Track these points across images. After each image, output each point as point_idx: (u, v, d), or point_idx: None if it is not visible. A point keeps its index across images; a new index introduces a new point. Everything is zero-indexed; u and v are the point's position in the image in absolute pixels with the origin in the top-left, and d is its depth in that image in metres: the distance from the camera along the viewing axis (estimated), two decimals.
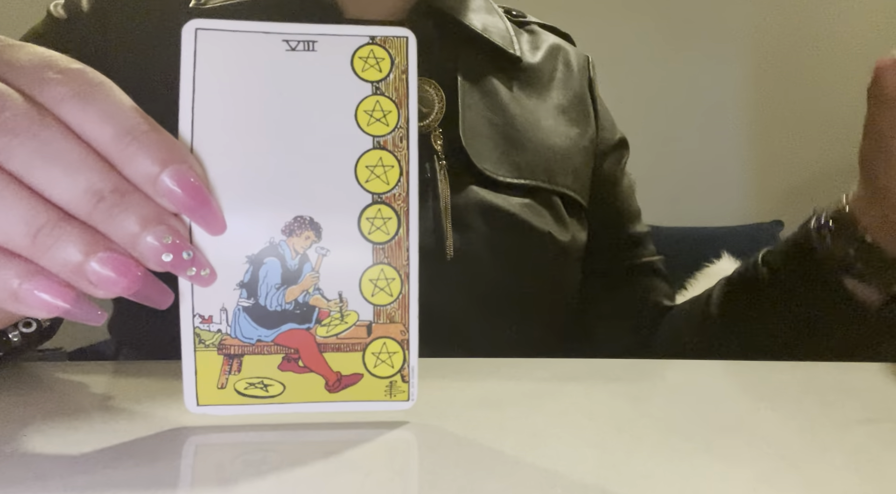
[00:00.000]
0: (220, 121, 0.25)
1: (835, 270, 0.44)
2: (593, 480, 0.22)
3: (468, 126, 0.51)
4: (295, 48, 0.26)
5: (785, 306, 0.48)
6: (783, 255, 0.48)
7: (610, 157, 0.61)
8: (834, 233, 0.44)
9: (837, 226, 0.44)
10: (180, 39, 0.25)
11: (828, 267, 0.44)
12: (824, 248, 0.44)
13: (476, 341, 0.49)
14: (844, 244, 0.43)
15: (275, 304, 0.25)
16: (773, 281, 0.48)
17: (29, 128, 0.22)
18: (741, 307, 0.51)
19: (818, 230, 0.45)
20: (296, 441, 0.26)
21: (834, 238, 0.44)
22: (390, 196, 0.26)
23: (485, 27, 0.55)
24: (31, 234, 0.21)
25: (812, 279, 0.45)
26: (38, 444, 0.25)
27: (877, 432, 0.28)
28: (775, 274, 0.48)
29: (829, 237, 0.44)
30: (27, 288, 0.22)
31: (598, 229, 0.58)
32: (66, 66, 0.23)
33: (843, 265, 0.43)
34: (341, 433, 0.27)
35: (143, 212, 0.22)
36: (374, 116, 0.26)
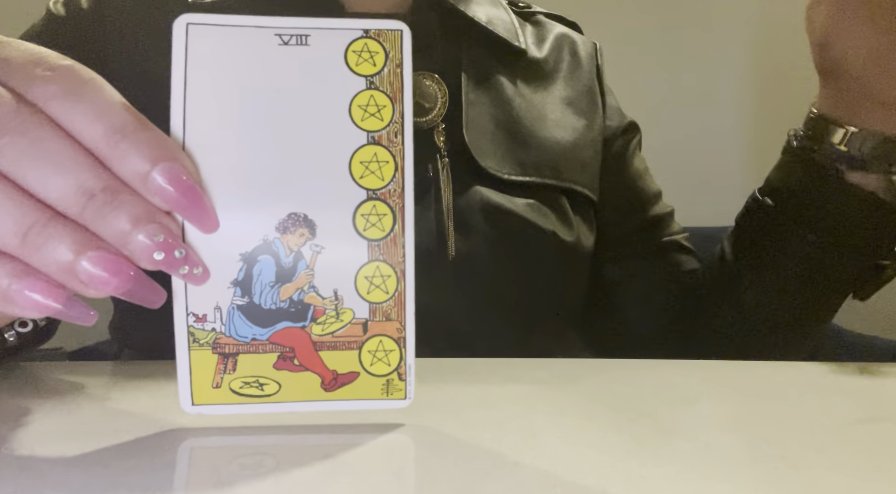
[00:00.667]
0: (212, 117, 0.25)
1: (831, 169, 0.45)
2: (593, 480, 0.22)
3: (471, 122, 0.50)
4: (287, 42, 0.25)
5: (799, 226, 0.48)
6: (779, 179, 0.49)
7: (618, 142, 0.60)
8: (816, 138, 0.46)
9: (816, 132, 0.46)
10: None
11: (824, 170, 0.46)
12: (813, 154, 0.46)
13: (478, 342, 0.48)
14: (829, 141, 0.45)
15: (269, 302, 0.25)
16: (779, 205, 0.49)
17: (18, 127, 0.21)
18: (758, 245, 0.51)
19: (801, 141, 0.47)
20: (293, 442, 0.26)
21: (817, 141, 0.46)
22: (385, 192, 0.26)
23: (489, 19, 0.54)
24: (20, 234, 0.21)
25: (818, 190, 0.46)
26: (37, 444, 0.25)
27: (877, 432, 0.28)
28: (779, 198, 0.49)
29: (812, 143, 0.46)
30: (17, 288, 0.22)
31: (619, 214, 0.57)
32: (55, 63, 0.22)
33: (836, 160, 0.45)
34: (339, 434, 0.27)
35: (134, 211, 0.22)
36: (369, 111, 0.26)
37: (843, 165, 0.45)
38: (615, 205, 0.57)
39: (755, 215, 0.51)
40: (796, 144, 0.48)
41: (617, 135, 0.60)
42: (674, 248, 0.59)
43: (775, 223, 0.49)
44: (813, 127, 0.46)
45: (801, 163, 0.47)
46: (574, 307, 0.55)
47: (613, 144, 0.59)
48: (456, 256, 0.47)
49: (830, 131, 0.45)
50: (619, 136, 0.60)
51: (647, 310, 0.58)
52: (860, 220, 0.46)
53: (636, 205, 0.59)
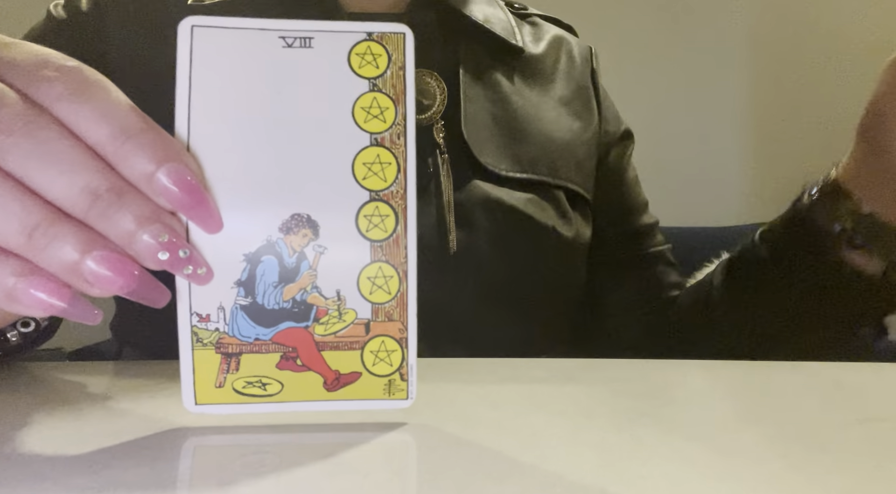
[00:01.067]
0: (216, 118, 0.25)
1: (831, 241, 0.44)
2: (593, 480, 0.22)
3: (470, 118, 0.50)
4: (291, 45, 0.25)
5: (788, 281, 0.48)
6: (781, 232, 0.49)
7: (615, 150, 0.60)
8: (825, 205, 0.45)
9: (828, 198, 0.45)
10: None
11: (825, 239, 0.45)
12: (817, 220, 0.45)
13: (479, 337, 0.48)
14: (837, 214, 0.44)
15: (272, 303, 0.25)
16: (774, 258, 0.49)
17: (25, 127, 0.21)
18: (744, 286, 0.52)
19: (810, 203, 0.46)
20: (295, 442, 0.26)
21: (825, 210, 0.44)
22: (388, 193, 0.26)
23: (486, 18, 0.55)
24: (26, 233, 0.21)
25: (812, 252, 0.46)
26: (37, 444, 0.25)
27: (877, 432, 0.28)
28: (775, 250, 0.49)
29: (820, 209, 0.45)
30: (23, 286, 0.22)
31: (606, 221, 0.58)
32: (62, 64, 0.23)
33: (839, 235, 0.44)
34: (340, 433, 0.27)
35: (139, 211, 0.22)
36: (372, 113, 0.26)
37: (843, 242, 0.44)
38: (606, 211, 0.58)
39: (749, 257, 0.51)
40: (805, 201, 0.46)
41: (614, 142, 0.60)
42: (658, 260, 0.60)
43: (767, 273, 0.50)
44: (827, 191, 0.45)
45: (803, 226, 0.46)
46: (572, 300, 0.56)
47: (610, 151, 0.60)
48: (457, 250, 0.47)
49: (842, 203, 0.44)
50: (617, 144, 0.61)
51: (626, 319, 0.59)
52: (849, 295, 0.45)
53: (625, 213, 0.60)
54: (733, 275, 0.53)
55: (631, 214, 0.60)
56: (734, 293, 0.52)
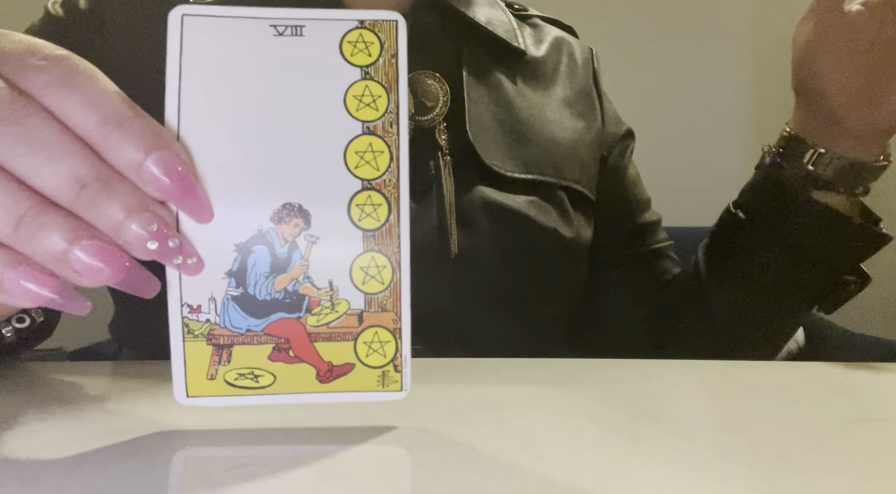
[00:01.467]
0: (206, 107, 0.24)
1: (799, 186, 0.48)
2: (593, 480, 0.22)
3: (474, 120, 0.50)
4: (283, 33, 0.25)
5: (768, 240, 0.50)
6: (752, 194, 0.52)
7: (616, 149, 0.60)
8: (785, 157, 0.49)
9: (786, 150, 0.49)
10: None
11: (793, 187, 0.48)
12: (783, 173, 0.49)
13: (480, 338, 0.48)
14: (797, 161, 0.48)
15: (264, 293, 0.25)
16: (750, 220, 0.51)
17: (11, 116, 0.21)
18: (728, 255, 0.54)
19: (772, 160, 0.49)
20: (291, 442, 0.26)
21: (787, 161, 0.49)
22: (380, 182, 0.26)
23: (489, 20, 0.55)
24: (13, 223, 0.21)
25: (784, 203, 0.49)
26: (36, 444, 0.25)
27: (877, 432, 0.28)
28: (750, 213, 0.51)
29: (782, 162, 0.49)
30: (10, 277, 0.21)
31: (610, 220, 0.58)
32: (50, 52, 0.22)
33: (804, 179, 0.48)
34: (338, 434, 0.26)
35: (127, 200, 0.22)
36: (364, 101, 0.26)
37: (809, 184, 0.47)
38: (609, 210, 0.58)
39: (727, 227, 0.54)
40: (768, 161, 0.50)
41: (616, 142, 0.60)
42: (661, 256, 0.61)
43: (745, 236, 0.52)
44: (784, 145, 0.49)
45: (770, 180, 0.50)
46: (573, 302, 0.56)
47: (612, 151, 0.60)
48: (458, 253, 0.47)
49: (800, 151, 0.48)
50: (619, 143, 0.61)
51: (630, 317, 0.59)
52: (825, 237, 0.48)
53: (629, 211, 0.61)
54: (716, 249, 0.55)
55: (634, 212, 0.61)
56: (720, 265, 0.54)
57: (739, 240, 0.52)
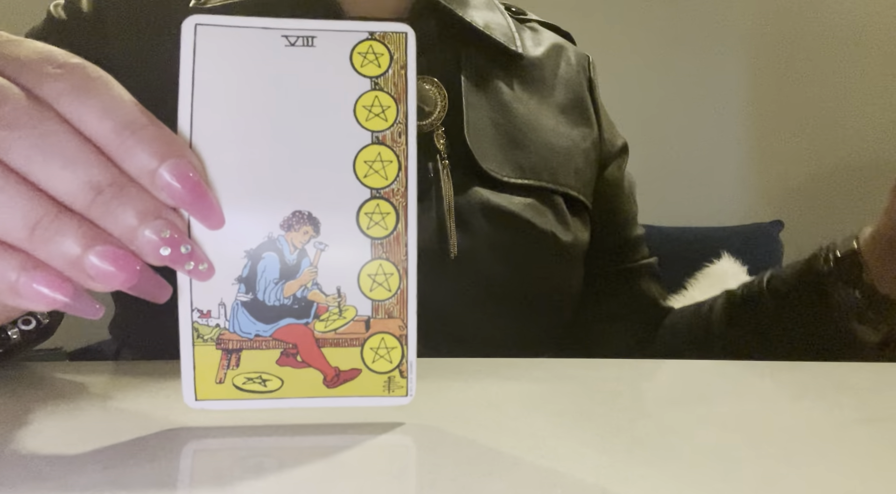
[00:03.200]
0: (219, 116, 0.25)
1: (841, 311, 0.45)
2: (593, 480, 0.22)
3: (472, 125, 0.50)
4: (294, 44, 0.26)
5: (787, 330, 0.49)
6: (789, 285, 0.50)
7: (613, 163, 0.61)
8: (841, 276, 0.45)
9: (845, 269, 0.45)
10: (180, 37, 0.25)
11: (834, 308, 0.46)
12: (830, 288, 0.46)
13: (479, 340, 0.49)
14: (849, 286, 0.45)
15: (273, 299, 0.25)
16: (778, 308, 0.50)
17: (28, 122, 0.22)
18: (745, 327, 0.53)
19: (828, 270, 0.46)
20: (294, 442, 0.26)
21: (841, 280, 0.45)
22: (389, 191, 0.26)
23: (486, 24, 0.55)
24: (29, 227, 0.22)
25: (819, 317, 0.47)
26: (37, 444, 0.25)
27: (877, 432, 0.28)
28: (780, 302, 0.50)
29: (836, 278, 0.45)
30: (25, 281, 0.22)
31: (599, 232, 0.58)
32: (65, 60, 0.23)
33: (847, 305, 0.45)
34: (340, 434, 0.27)
35: (141, 206, 0.22)
36: (373, 112, 0.26)
37: (854, 312, 0.45)
38: (600, 223, 0.59)
39: (753, 304, 0.52)
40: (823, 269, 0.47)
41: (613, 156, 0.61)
42: (646, 273, 0.61)
43: (770, 321, 0.51)
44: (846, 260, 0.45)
45: (815, 289, 0.47)
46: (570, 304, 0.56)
47: (610, 164, 0.60)
48: (457, 255, 0.47)
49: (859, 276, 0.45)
50: (615, 157, 0.61)
51: (612, 329, 0.60)
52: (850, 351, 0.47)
53: (619, 225, 0.61)
54: (735, 315, 0.54)
55: (623, 226, 0.61)
56: (734, 331, 0.54)
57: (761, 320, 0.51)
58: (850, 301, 0.45)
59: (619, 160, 0.62)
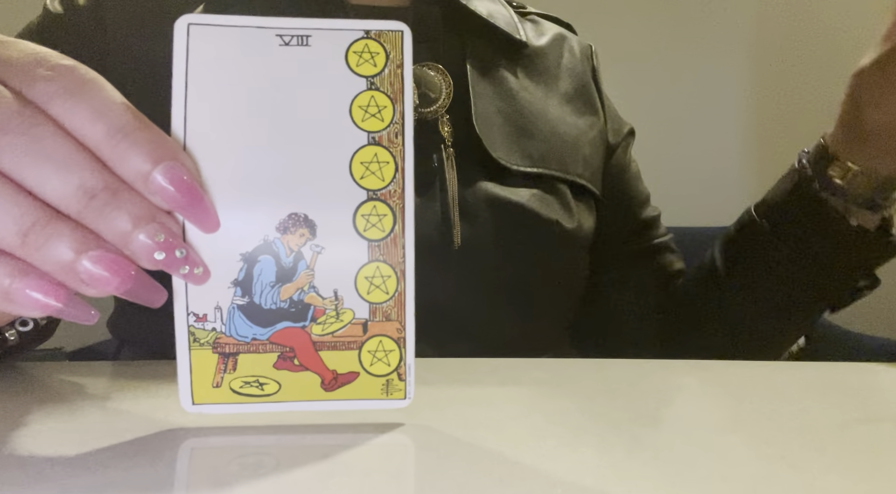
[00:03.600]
0: (213, 117, 0.25)
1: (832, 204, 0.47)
2: (593, 480, 0.22)
3: (480, 114, 0.50)
4: (288, 43, 0.25)
5: (793, 250, 0.50)
6: (780, 205, 0.51)
7: (620, 147, 0.61)
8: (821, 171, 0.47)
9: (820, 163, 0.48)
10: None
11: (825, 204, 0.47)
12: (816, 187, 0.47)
13: (482, 331, 0.49)
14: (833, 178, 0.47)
15: (269, 302, 0.25)
16: (776, 231, 0.51)
17: (19, 126, 0.21)
18: (750, 262, 0.53)
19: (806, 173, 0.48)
20: (293, 442, 0.26)
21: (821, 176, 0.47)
22: (386, 192, 0.26)
23: (490, 13, 0.55)
24: (21, 233, 0.21)
25: (814, 219, 0.48)
26: (36, 444, 0.25)
27: (877, 432, 0.28)
28: (777, 224, 0.51)
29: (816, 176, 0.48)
30: (18, 287, 0.22)
31: (613, 218, 0.58)
32: (56, 62, 0.22)
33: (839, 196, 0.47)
34: (339, 434, 0.27)
35: (134, 210, 0.22)
36: (369, 112, 0.26)
37: (840, 200, 0.47)
38: (612, 208, 0.59)
39: (748, 231, 0.53)
40: (800, 172, 0.49)
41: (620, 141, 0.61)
42: (663, 250, 0.61)
43: (768, 244, 0.51)
44: (819, 157, 0.48)
45: (800, 192, 0.49)
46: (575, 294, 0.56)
47: (617, 149, 0.60)
48: (461, 245, 0.47)
49: (833, 166, 0.47)
50: (622, 142, 0.61)
51: (638, 312, 0.60)
52: (849, 250, 0.48)
53: (631, 208, 0.61)
54: (736, 254, 0.54)
55: (636, 208, 0.61)
56: (740, 270, 0.54)
57: (760, 246, 0.52)
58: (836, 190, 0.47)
59: (624, 143, 0.62)
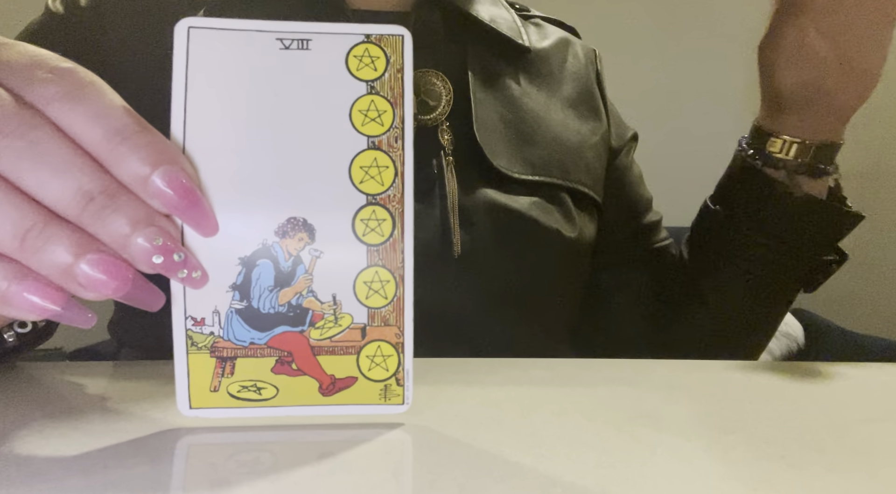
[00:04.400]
0: (212, 121, 0.25)
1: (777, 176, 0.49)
2: (593, 480, 0.22)
3: (481, 122, 0.50)
4: (289, 47, 0.25)
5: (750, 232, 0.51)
6: (728, 189, 0.53)
7: (622, 153, 0.61)
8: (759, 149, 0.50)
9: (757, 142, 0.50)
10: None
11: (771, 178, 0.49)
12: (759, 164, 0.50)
13: (482, 338, 0.48)
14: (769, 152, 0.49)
15: (268, 307, 0.25)
16: (731, 214, 0.52)
17: (18, 129, 0.21)
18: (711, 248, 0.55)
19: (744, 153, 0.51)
20: (291, 441, 0.26)
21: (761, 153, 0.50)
22: (385, 197, 0.26)
23: (492, 18, 0.54)
24: (19, 236, 0.21)
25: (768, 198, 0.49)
26: (35, 444, 0.25)
27: (877, 432, 0.28)
28: (730, 207, 0.52)
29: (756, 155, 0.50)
30: (16, 290, 0.21)
31: (615, 222, 0.58)
32: (56, 65, 0.22)
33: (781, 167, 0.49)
34: (337, 433, 0.27)
35: (133, 214, 0.22)
36: (369, 116, 0.26)
37: (782, 172, 0.49)
38: (614, 212, 0.59)
39: (707, 221, 0.55)
40: (741, 153, 0.51)
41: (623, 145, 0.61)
42: (664, 255, 0.62)
43: (726, 228, 0.53)
44: (755, 137, 0.50)
45: (745, 172, 0.50)
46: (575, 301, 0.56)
47: (619, 155, 0.60)
48: (462, 253, 0.47)
49: (770, 142, 0.49)
50: (624, 147, 0.61)
51: (637, 314, 0.60)
52: (805, 223, 0.49)
53: (633, 212, 0.61)
54: (698, 243, 0.56)
55: (638, 212, 0.61)
56: (704, 259, 0.55)
57: (721, 233, 0.53)
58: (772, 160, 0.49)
59: (626, 148, 0.61)
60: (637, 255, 0.60)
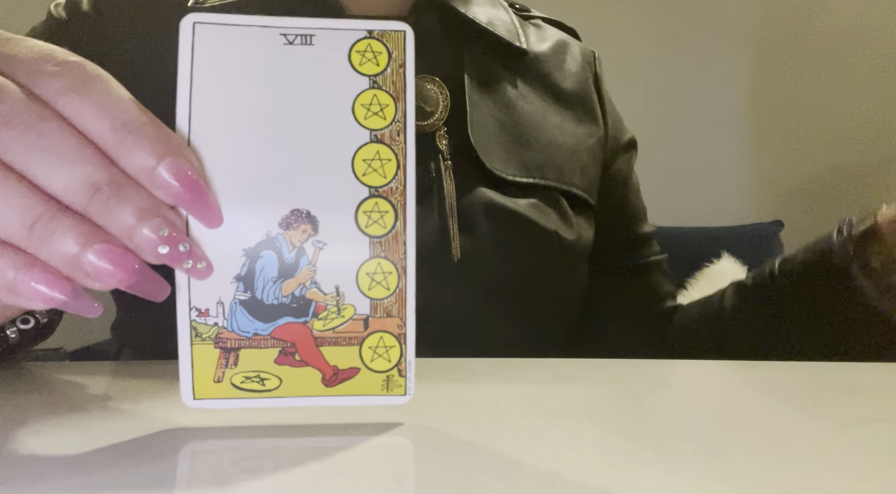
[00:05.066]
0: (217, 114, 0.25)
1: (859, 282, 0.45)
2: (593, 480, 0.22)
3: (476, 124, 0.50)
4: (292, 42, 0.26)
5: (802, 311, 0.49)
6: (802, 263, 0.49)
7: (620, 158, 0.60)
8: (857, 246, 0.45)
9: (861, 239, 0.45)
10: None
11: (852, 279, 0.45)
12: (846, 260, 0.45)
13: (482, 341, 0.49)
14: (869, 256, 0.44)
15: (271, 298, 0.25)
16: (792, 286, 0.50)
17: (26, 121, 0.22)
18: (756, 308, 0.53)
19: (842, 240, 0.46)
20: (293, 442, 0.26)
21: (857, 250, 0.45)
22: (387, 189, 0.26)
23: (490, 20, 0.54)
24: (27, 226, 0.22)
25: (832, 289, 0.46)
26: (36, 444, 0.25)
27: (877, 432, 0.28)
28: (793, 280, 0.50)
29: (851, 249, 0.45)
30: (23, 279, 0.22)
31: (608, 229, 0.58)
32: (64, 58, 0.23)
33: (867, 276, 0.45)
34: (339, 434, 0.27)
35: (139, 205, 0.22)
36: (372, 110, 0.26)
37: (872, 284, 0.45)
38: (608, 219, 0.58)
39: (765, 283, 0.52)
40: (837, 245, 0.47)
41: (620, 151, 0.60)
42: (655, 269, 0.61)
43: (781, 299, 0.51)
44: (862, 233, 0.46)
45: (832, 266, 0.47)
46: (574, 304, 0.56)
47: (617, 159, 0.60)
48: (461, 256, 0.47)
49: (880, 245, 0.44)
50: (622, 152, 0.61)
51: (620, 327, 0.60)
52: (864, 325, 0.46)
53: (627, 221, 0.61)
54: (747, 299, 0.54)
55: (632, 222, 0.61)
56: (748, 317, 0.53)
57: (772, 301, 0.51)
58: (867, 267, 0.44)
59: (626, 155, 0.61)
60: (628, 267, 0.60)
